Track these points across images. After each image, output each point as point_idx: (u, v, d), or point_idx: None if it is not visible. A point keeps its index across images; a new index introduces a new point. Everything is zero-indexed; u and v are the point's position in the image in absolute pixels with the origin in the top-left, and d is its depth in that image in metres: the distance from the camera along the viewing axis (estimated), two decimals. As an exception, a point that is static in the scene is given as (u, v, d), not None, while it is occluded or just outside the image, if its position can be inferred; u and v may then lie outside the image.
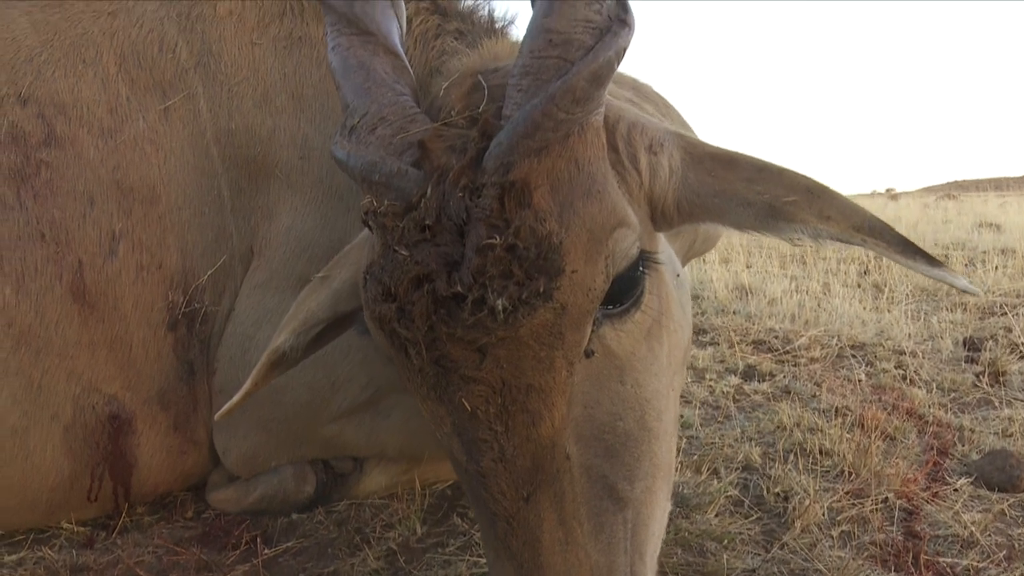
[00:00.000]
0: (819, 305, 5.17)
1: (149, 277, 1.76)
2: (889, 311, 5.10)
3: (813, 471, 2.25)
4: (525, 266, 1.05)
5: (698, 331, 4.45)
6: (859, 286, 6.44)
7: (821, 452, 2.40)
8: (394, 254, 1.14)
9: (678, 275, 1.39)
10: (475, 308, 1.05)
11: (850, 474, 2.22)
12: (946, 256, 8.88)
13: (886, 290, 6.33)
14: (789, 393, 3.14)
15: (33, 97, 1.74)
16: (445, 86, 1.33)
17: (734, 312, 4.93)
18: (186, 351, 1.81)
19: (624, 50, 1.16)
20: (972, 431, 2.66)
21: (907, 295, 5.85)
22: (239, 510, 1.95)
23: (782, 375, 3.38)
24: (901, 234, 1.16)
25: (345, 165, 1.24)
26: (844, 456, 2.32)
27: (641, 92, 1.82)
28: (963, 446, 2.51)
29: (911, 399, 3.00)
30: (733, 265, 7.03)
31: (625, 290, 1.17)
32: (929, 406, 2.93)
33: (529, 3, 1.24)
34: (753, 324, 4.50)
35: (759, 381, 3.31)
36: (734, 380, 3.30)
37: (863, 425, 2.65)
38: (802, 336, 4.14)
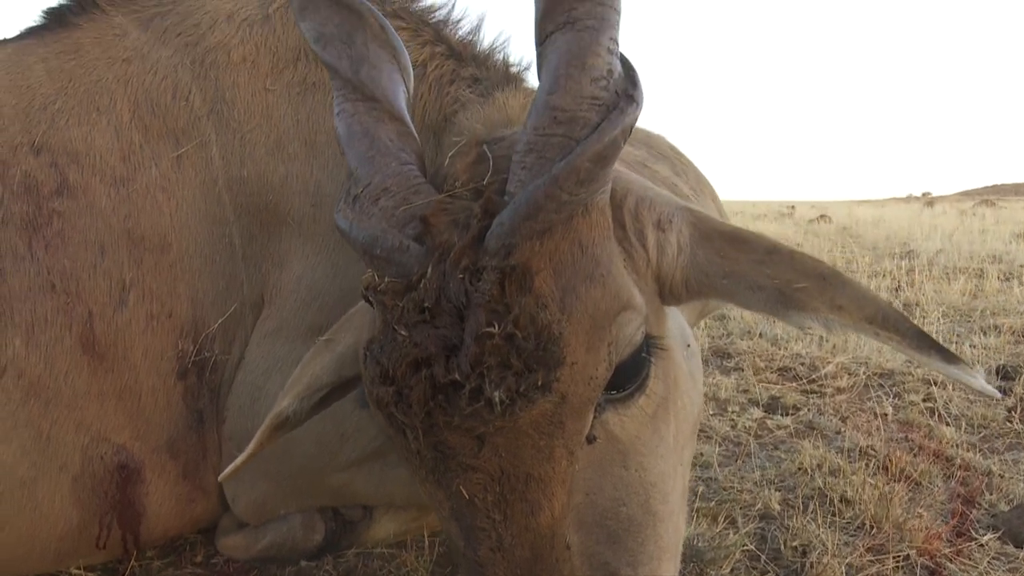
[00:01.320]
0: (848, 327, 5.08)
1: (159, 326, 1.75)
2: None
3: (833, 523, 2.20)
4: (523, 357, 1.03)
5: (722, 355, 4.39)
6: (890, 305, 6.32)
7: (843, 500, 2.34)
8: (394, 333, 1.12)
9: (688, 345, 1.36)
10: (472, 398, 1.03)
11: (871, 527, 2.16)
12: (982, 270, 8.72)
13: (918, 309, 6.23)
14: (813, 429, 3.08)
15: (47, 146, 1.74)
16: (451, 155, 1.30)
17: (760, 334, 4.85)
18: (196, 400, 1.81)
19: (631, 127, 1.12)
20: (1001, 476, 2.59)
21: (940, 315, 5.75)
22: (248, 557, 1.94)
23: (806, 408, 3.31)
24: (917, 327, 1.11)
25: (348, 236, 1.23)
26: (866, 506, 2.26)
27: (655, 149, 1.78)
28: (991, 495, 2.44)
29: (938, 438, 2.93)
30: (762, 280, 6.93)
31: (629, 375, 1.14)
32: (957, 446, 2.86)
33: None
34: (779, 349, 4.43)
35: (782, 414, 3.26)
36: (757, 413, 3.24)
37: (887, 468, 2.59)
38: (829, 363, 4.07)
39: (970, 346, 4.60)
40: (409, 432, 1.11)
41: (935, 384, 3.70)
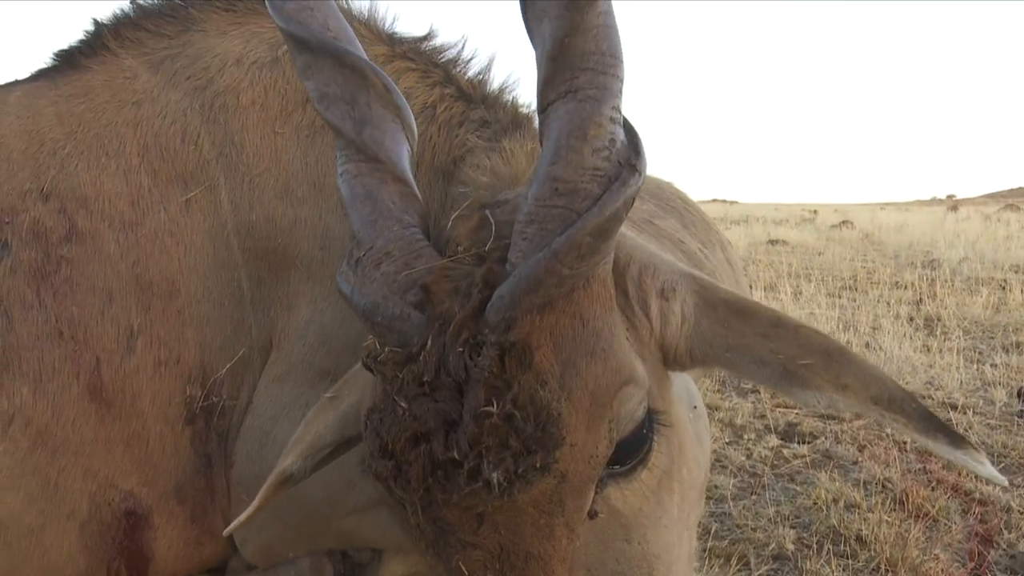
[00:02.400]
0: (867, 346, 5.03)
1: (167, 372, 1.75)
2: (941, 353, 4.94)
3: (848, 566, 2.17)
4: (522, 438, 1.01)
5: (740, 382, 4.35)
6: (911, 319, 6.27)
7: (858, 540, 2.31)
8: (394, 405, 1.11)
9: (695, 407, 1.34)
10: (470, 478, 1.02)
11: (887, 571, 2.13)
12: (1005, 281, 8.61)
13: (939, 325, 6.16)
14: (830, 459, 3.05)
15: (56, 191, 1.74)
16: (453, 217, 1.29)
17: (778, 353, 4.82)
18: (204, 444, 1.80)
19: (633, 198, 1.11)
20: (1021, 513, 2.55)
21: (961, 332, 5.68)
22: (256, 599, 1.94)
23: (824, 436, 3.28)
24: (923, 408, 1.09)
25: (350, 301, 1.22)
26: (882, 546, 2.23)
27: (663, 201, 1.76)
28: (1009, 533, 2.40)
29: (956, 470, 2.89)
30: (780, 295, 6.88)
31: (631, 450, 1.12)
32: (976, 479, 2.81)
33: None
34: (797, 370, 4.39)
35: (799, 442, 3.22)
36: (773, 441, 3.21)
37: (904, 503, 2.56)
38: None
39: (991, 366, 4.54)
40: (408, 506, 1.10)
41: (954, 409, 3.66)
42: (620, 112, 1.14)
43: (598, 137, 1.10)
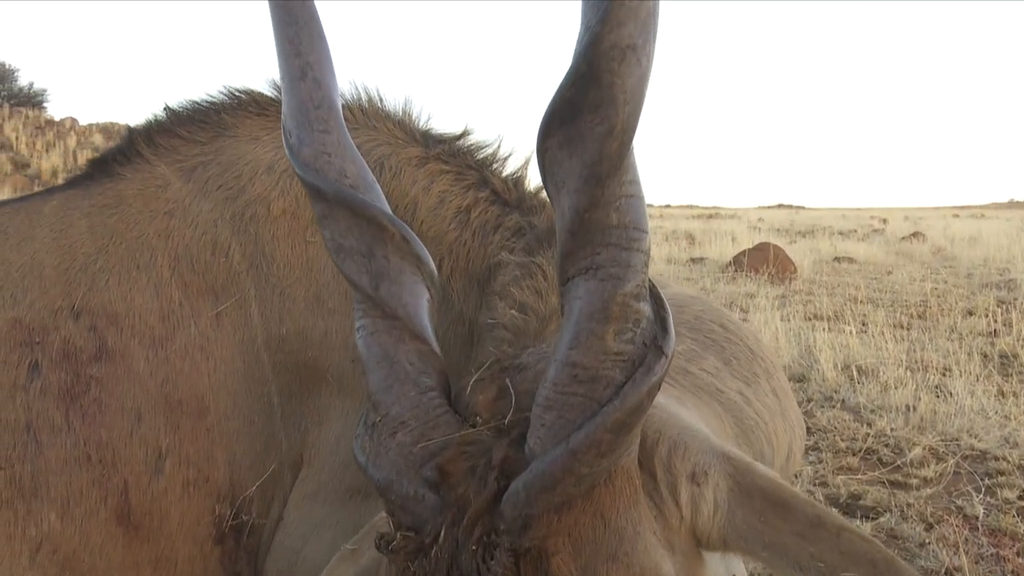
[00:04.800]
0: (937, 392, 4.82)
1: (196, 492, 1.72)
2: (1018, 399, 4.71)
3: None
4: (535, 659, 0.94)
5: (801, 429, 4.19)
6: (985, 356, 6.00)
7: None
8: (404, 597, 1.05)
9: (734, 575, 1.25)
10: None
11: None
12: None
13: (1015, 363, 5.89)
14: (896, 539, 2.90)
15: (87, 308, 1.73)
16: (473, 381, 1.23)
17: (842, 402, 4.64)
18: (233, 563, 1.77)
19: (659, 385, 1.03)
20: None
21: (1039, 375, 5.41)
22: None
23: (889, 513, 3.11)
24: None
25: (365, 472, 1.17)
26: (948, 660, 2.09)
27: (701, 333, 1.67)
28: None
29: (1034, 557, 2.71)
30: (845, 327, 6.66)
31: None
32: (1056, 569, 2.64)
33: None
34: (862, 424, 4.21)
35: (863, 518, 3.07)
36: (834, 516, 3.07)
37: (974, 601, 2.41)
38: (915, 445, 3.84)
39: (1072, 422, 4.30)
40: None
41: (1032, 476, 3.46)
42: (646, 287, 1.06)
43: (620, 318, 1.02)
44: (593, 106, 1.00)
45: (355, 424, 1.25)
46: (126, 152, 1.90)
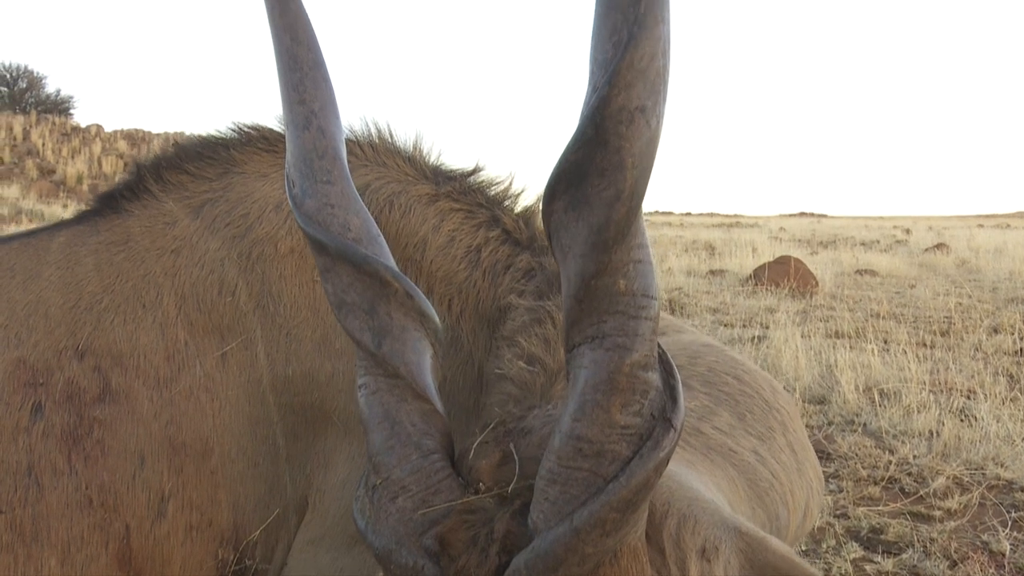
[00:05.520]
0: (962, 417, 4.73)
1: (198, 536, 1.70)
2: (1045, 424, 4.60)
3: None
4: None
5: (822, 455, 4.12)
6: (1012, 378, 5.89)
7: None
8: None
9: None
10: None
11: None
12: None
13: (1043, 384, 5.78)
14: (917, 576, 2.82)
15: (91, 348, 1.71)
16: (476, 445, 1.19)
17: (863, 426, 4.55)
18: (236, 609, 1.74)
19: (667, 460, 0.99)
20: None
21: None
22: None
23: (912, 549, 3.04)
24: None
25: (364, 537, 1.14)
26: None
27: (715, 387, 1.62)
28: None
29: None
30: (867, 345, 6.55)
31: None
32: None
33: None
34: (884, 450, 4.13)
35: (884, 554, 3.00)
36: (855, 551, 3.00)
37: (999, 646, 2.33)
38: (939, 475, 3.76)
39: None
40: None
41: (1060, 511, 3.37)
42: (654, 355, 1.02)
43: (627, 390, 0.99)
44: (600, 170, 0.96)
45: (356, 485, 1.21)
46: (134, 188, 1.88)
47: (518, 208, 1.89)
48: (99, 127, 38.80)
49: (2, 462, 1.62)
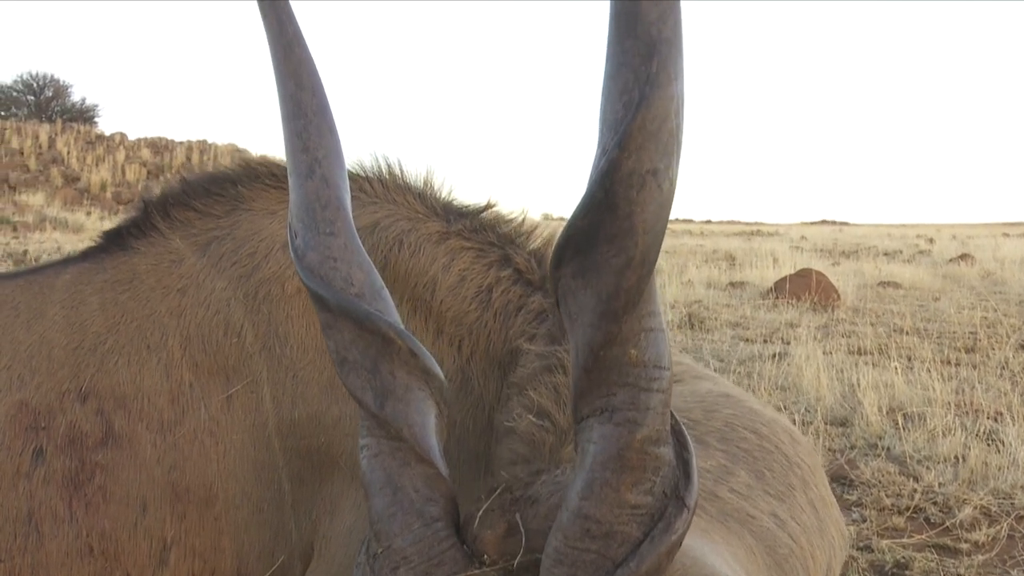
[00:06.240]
0: (989, 441, 4.62)
1: (202, 585, 1.66)
2: (1075, 449, 4.49)
3: None
4: None
5: (843, 482, 4.03)
6: (1040, 397, 5.76)
7: None
8: None
9: None
10: None
11: None
12: None
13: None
14: (944, 617, 2.74)
15: (94, 391, 1.68)
16: (481, 513, 1.14)
17: (887, 451, 4.46)
18: (239, 658, 1.70)
19: (680, 542, 0.94)
20: None
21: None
22: None
23: (936, 585, 2.95)
24: None
25: None
26: None
27: (732, 443, 1.56)
28: None
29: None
30: (890, 362, 6.45)
31: None
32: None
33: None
34: (908, 477, 4.04)
35: (908, 590, 2.92)
36: (879, 587, 2.92)
37: None
38: (966, 504, 3.66)
39: None
40: None
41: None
42: (667, 429, 0.97)
43: (638, 468, 0.94)
44: (609, 236, 0.91)
45: (359, 546, 1.17)
46: (141, 225, 1.86)
47: (530, 246, 1.84)
48: (123, 135, 39.15)
49: (2, 508, 1.59)
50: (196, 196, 1.86)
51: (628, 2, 0.92)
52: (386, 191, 1.85)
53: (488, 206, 1.88)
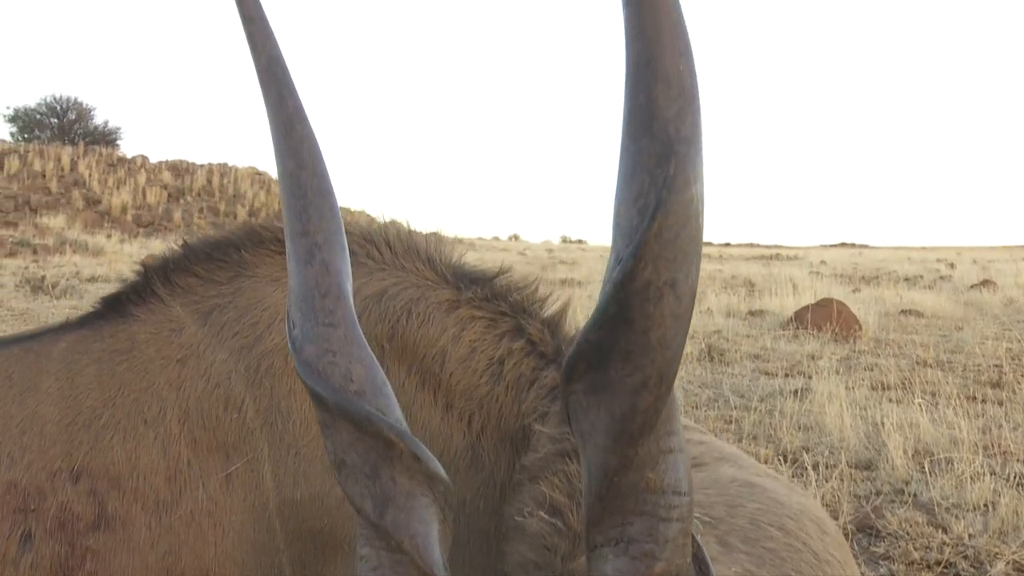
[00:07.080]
0: (1019, 486, 4.48)
1: None
2: (1109, 496, 4.34)
3: None
4: None
5: (870, 532, 3.91)
6: (1072, 436, 5.61)
7: None
8: None
9: None
10: None
11: None
12: None
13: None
14: None
15: (87, 470, 1.61)
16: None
17: (914, 497, 4.33)
18: None
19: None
20: None
21: None
22: None
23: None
24: None
25: None
26: None
27: (757, 543, 1.47)
28: None
29: None
30: (914, 399, 6.30)
31: None
32: None
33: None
34: (936, 528, 3.91)
35: (937, 656, 2.80)
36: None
37: None
38: (999, 558, 3.54)
39: None
40: None
41: None
42: (687, 560, 0.89)
43: (656, 603, 0.85)
44: (624, 353, 0.84)
45: None
46: (140, 291, 1.80)
47: (544, 314, 1.77)
48: (144, 158, 39.50)
49: None
50: (198, 261, 1.80)
51: (644, 97, 0.85)
52: (394, 257, 1.78)
53: (500, 272, 1.81)
